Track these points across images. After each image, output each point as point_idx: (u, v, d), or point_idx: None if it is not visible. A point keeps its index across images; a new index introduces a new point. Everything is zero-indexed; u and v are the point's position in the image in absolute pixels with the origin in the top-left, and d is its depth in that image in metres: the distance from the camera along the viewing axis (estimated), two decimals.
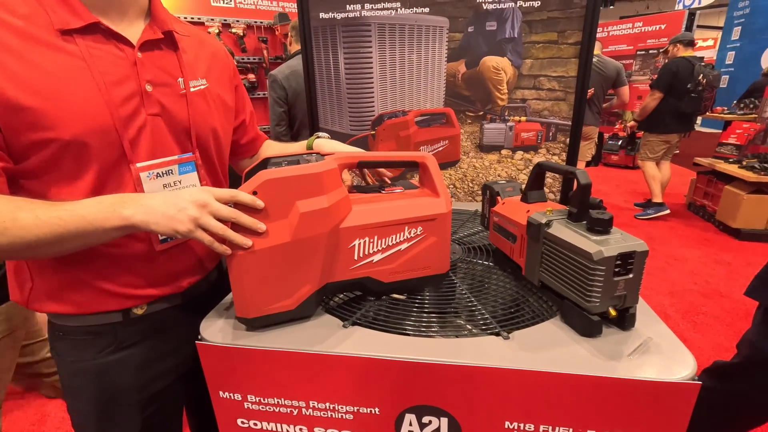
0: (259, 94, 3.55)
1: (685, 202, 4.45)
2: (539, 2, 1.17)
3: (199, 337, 0.67)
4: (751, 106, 4.23)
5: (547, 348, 0.61)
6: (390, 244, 0.71)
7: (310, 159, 0.70)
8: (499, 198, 0.89)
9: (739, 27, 7.80)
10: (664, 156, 3.99)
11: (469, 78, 1.28)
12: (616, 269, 0.60)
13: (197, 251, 0.80)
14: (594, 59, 3.56)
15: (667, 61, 3.91)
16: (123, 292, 0.72)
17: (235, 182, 0.87)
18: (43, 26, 0.61)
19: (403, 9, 1.24)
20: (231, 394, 0.68)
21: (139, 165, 0.68)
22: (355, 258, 0.70)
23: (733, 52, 7.96)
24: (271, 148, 1.01)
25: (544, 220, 0.69)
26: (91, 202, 0.60)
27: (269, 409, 0.67)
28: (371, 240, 0.70)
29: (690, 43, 3.80)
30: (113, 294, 0.72)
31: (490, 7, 1.20)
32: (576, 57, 1.20)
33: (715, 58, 9.36)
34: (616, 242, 0.60)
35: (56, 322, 0.74)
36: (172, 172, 0.72)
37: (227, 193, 0.61)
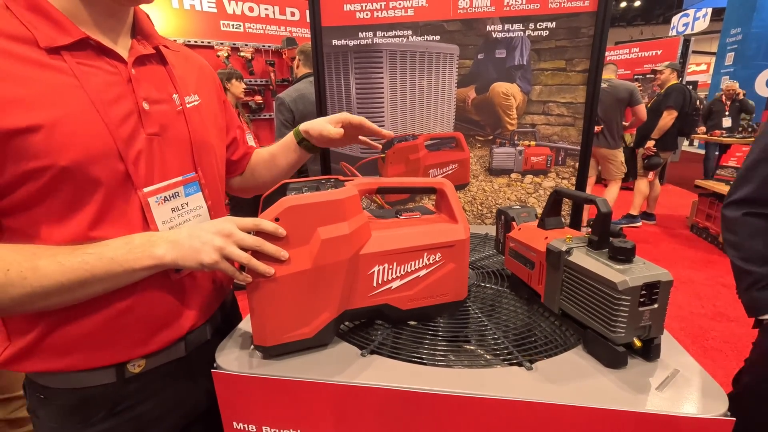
0: (265, 116, 3.60)
1: (687, 224, 4.45)
2: (547, 31, 1.20)
3: (215, 365, 0.66)
4: (750, 129, 4.28)
5: (573, 380, 0.60)
6: (409, 270, 0.71)
7: (328, 184, 0.71)
8: (514, 224, 0.88)
9: (732, 53, 8.01)
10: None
11: (478, 103, 1.30)
12: (641, 299, 0.59)
13: (205, 286, 0.73)
14: (604, 84, 3.63)
15: (659, 83, 4.26)
16: (120, 341, 0.63)
17: (235, 206, 0.86)
18: (26, 44, 0.54)
19: (414, 37, 1.27)
20: (246, 426, 0.66)
21: (146, 190, 0.62)
22: (374, 285, 0.69)
23: (727, 77, 8.14)
24: (259, 154, 0.96)
25: (564, 248, 0.68)
26: (119, 243, 0.57)
27: None
28: (390, 266, 0.69)
29: (680, 74, 4.24)
30: (108, 343, 0.62)
31: (500, 35, 1.23)
32: (584, 84, 1.22)
33: (709, 82, 9.57)
34: (640, 271, 0.60)
35: (36, 381, 0.65)
36: (178, 195, 0.68)
37: (250, 221, 0.60)
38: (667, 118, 4.01)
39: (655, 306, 0.60)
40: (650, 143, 4.09)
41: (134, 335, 0.64)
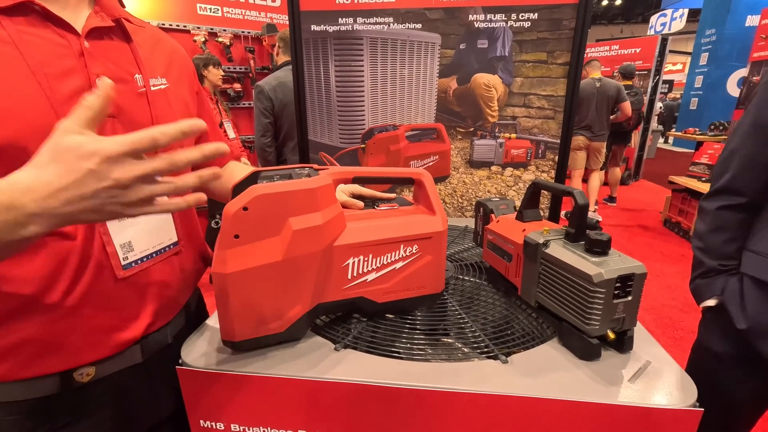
0: (244, 104, 3.50)
1: (661, 219, 4.59)
2: (529, 23, 1.19)
3: (180, 361, 0.63)
4: (721, 128, 4.44)
5: (548, 373, 0.59)
6: (385, 262, 0.69)
7: (302, 173, 0.68)
8: (493, 216, 0.88)
9: (707, 53, 8.25)
10: None
11: (460, 94, 1.29)
12: (616, 291, 0.59)
13: (165, 282, 0.67)
14: (597, 84, 3.89)
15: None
16: (66, 344, 0.56)
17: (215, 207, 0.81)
18: None
19: (395, 24, 1.24)
20: (213, 423, 0.63)
21: None
22: (349, 277, 0.67)
23: (701, 77, 8.41)
24: (239, 166, 0.91)
25: (541, 240, 0.68)
26: None
27: None
28: (366, 258, 0.67)
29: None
30: (51, 347, 0.55)
31: (482, 25, 1.21)
32: (565, 77, 1.22)
33: (684, 81, 9.87)
34: (615, 264, 0.59)
35: None
36: None
37: (128, 144, 0.41)
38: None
39: (629, 298, 0.60)
40: None
41: (81, 339, 0.57)
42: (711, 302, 0.97)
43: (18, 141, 0.49)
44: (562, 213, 1.26)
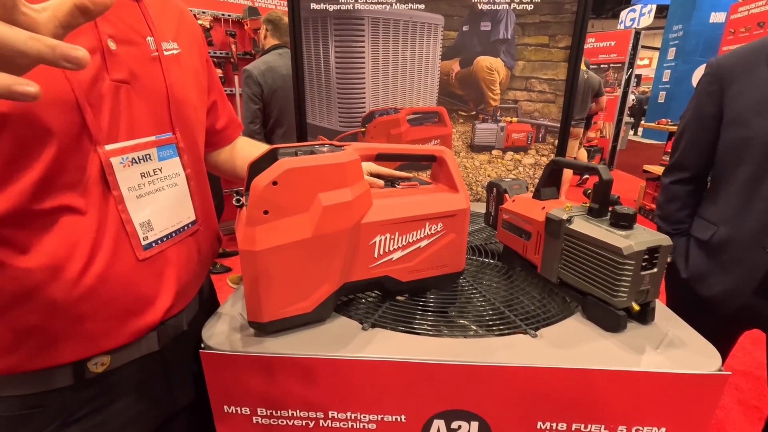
0: (225, 91, 3.38)
1: (636, 207, 4.78)
2: (532, 6, 1.19)
3: (203, 345, 0.60)
4: None
5: (577, 345, 0.60)
6: (410, 240, 0.68)
7: (323, 149, 0.66)
8: (506, 196, 0.88)
9: (674, 48, 8.60)
10: None
11: (462, 77, 1.28)
12: (644, 264, 0.60)
13: (182, 265, 0.63)
14: (585, 75, 4.06)
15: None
16: (80, 331, 0.52)
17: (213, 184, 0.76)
18: None
19: (398, 4, 1.21)
20: (237, 409, 0.61)
21: (108, 147, 0.51)
22: (375, 256, 0.66)
23: (669, 71, 8.76)
24: (247, 140, 0.88)
25: (565, 216, 0.68)
26: None
27: (282, 422, 0.61)
28: (392, 236, 0.66)
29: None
30: (63, 335, 0.52)
31: (485, 7, 1.20)
32: (565, 61, 1.23)
33: (652, 76, 10.26)
34: (642, 236, 0.61)
35: None
36: (150, 158, 0.57)
37: None
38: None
39: (655, 270, 0.62)
40: None
41: (97, 325, 0.53)
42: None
43: (28, 107, 0.44)
44: (563, 194, 1.29)
